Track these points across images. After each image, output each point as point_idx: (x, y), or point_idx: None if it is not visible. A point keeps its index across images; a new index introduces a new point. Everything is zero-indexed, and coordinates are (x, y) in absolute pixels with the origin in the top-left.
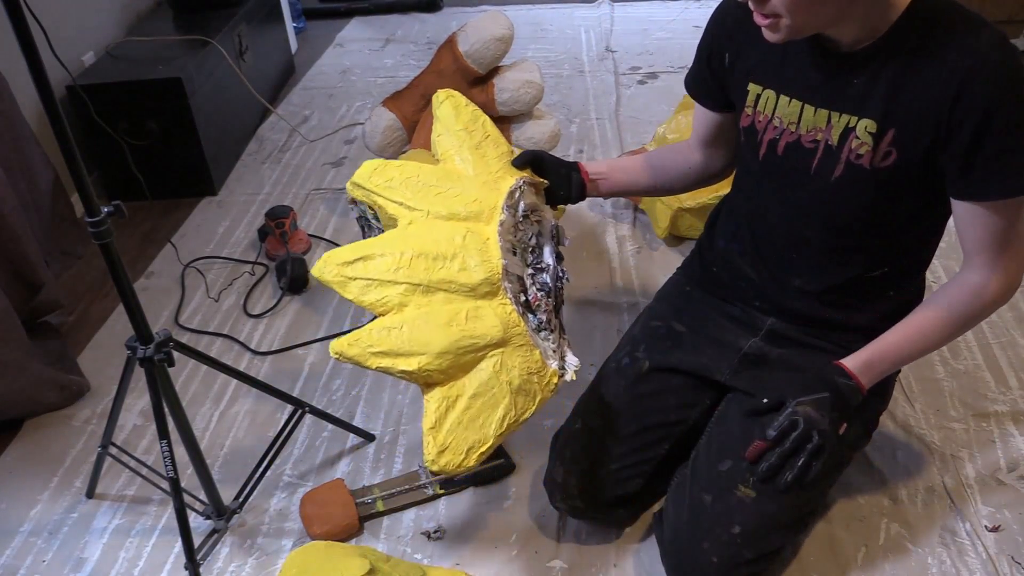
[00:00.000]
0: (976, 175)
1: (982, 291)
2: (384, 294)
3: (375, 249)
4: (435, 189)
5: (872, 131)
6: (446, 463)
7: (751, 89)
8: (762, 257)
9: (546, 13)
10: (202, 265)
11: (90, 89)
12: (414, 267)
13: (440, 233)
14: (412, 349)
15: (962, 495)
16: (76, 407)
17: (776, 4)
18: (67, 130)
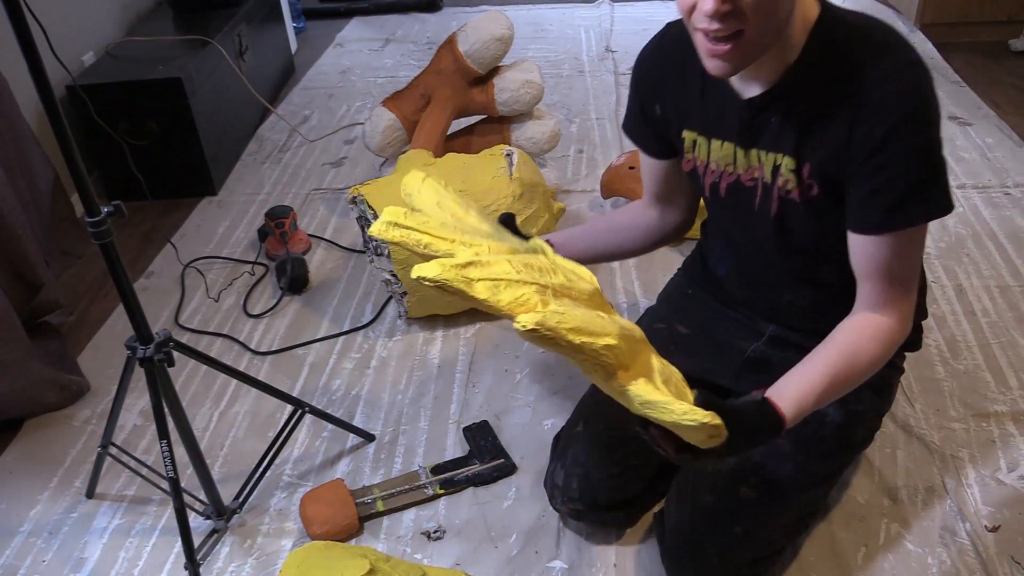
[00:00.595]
0: (866, 207)
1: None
2: (519, 292)
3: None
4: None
5: (792, 168)
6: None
7: (686, 136)
8: (746, 278)
9: (546, 13)
10: (202, 265)
11: (90, 89)
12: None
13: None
14: (595, 330)
15: (962, 495)
16: (76, 407)
17: (744, 8)
18: (67, 130)
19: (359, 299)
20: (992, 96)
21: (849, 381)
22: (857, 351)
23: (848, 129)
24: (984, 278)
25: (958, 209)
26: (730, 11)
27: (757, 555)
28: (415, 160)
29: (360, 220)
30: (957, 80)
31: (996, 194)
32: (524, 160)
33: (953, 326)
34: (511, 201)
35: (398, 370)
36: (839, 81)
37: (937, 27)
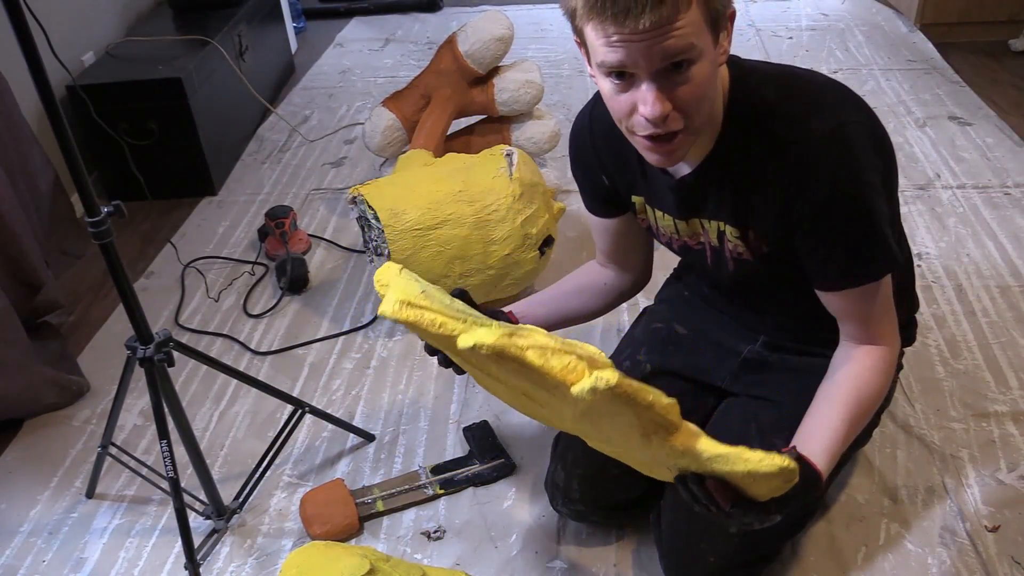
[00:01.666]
0: (821, 270)
1: (885, 368)
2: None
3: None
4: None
5: (736, 235)
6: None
7: (635, 200)
8: (728, 303)
9: (546, 13)
10: (202, 265)
11: (90, 89)
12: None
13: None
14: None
15: (962, 495)
16: (76, 407)
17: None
18: (67, 130)
19: (359, 299)
20: (992, 96)
21: (864, 417)
22: (863, 386)
23: (782, 194)
24: (984, 278)
25: (958, 209)
26: (669, 112)
27: (753, 556)
28: (415, 160)
29: (360, 220)
30: (957, 80)
31: (996, 194)
32: (524, 160)
33: (953, 326)
34: (511, 201)
35: (398, 370)
36: (763, 147)
37: (937, 27)
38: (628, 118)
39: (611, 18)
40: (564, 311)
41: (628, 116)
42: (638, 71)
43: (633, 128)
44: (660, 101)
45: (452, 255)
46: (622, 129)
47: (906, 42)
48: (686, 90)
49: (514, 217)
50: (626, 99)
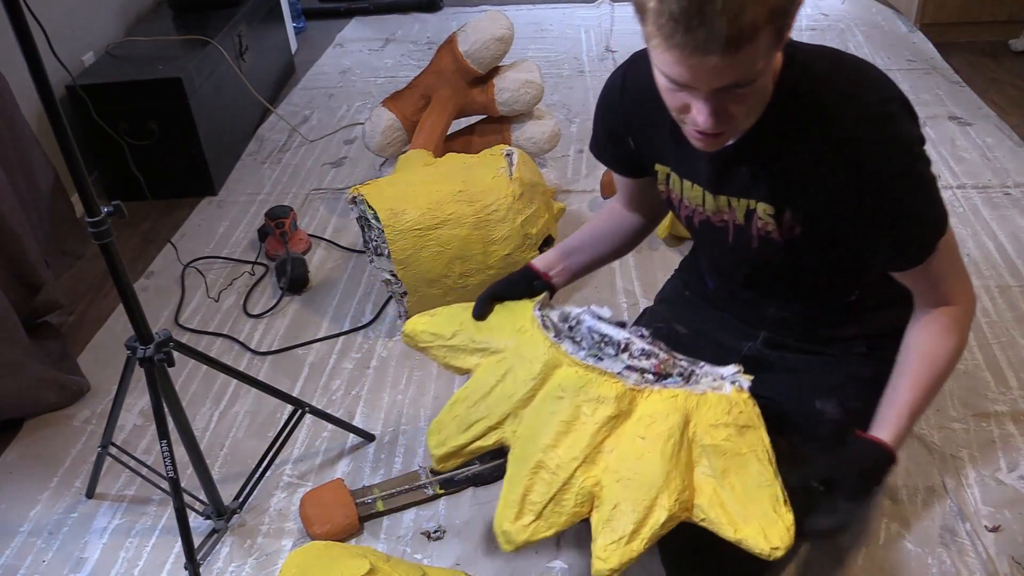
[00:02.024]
0: (886, 250)
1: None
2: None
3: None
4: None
5: (770, 213)
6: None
7: (659, 169)
8: (732, 295)
9: (546, 13)
10: (202, 265)
11: (90, 89)
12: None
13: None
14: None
15: (962, 495)
16: (76, 407)
17: (738, 114)
18: (67, 130)
19: (359, 299)
20: (992, 96)
21: (937, 383)
22: (934, 351)
23: (834, 170)
24: (984, 278)
25: (958, 209)
26: (721, 118)
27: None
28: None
29: (360, 220)
30: (957, 80)
31: (996, 194)
32: (524, 160)
33: None
34: (511, 201)
35: (398, 370)
36: (810, 128)
37: (937, 27)
38: (679, 112)
39: (679, 48)
40: (598, 256)
41: (679, 111)
42: (697, 87)
43: (683, 120)
44: (714, 116)
45: (452, 255)
46: (671, 112)
47: (906, 42)
48: (741, 103)
49: (514, 217)
50: (680, 97)
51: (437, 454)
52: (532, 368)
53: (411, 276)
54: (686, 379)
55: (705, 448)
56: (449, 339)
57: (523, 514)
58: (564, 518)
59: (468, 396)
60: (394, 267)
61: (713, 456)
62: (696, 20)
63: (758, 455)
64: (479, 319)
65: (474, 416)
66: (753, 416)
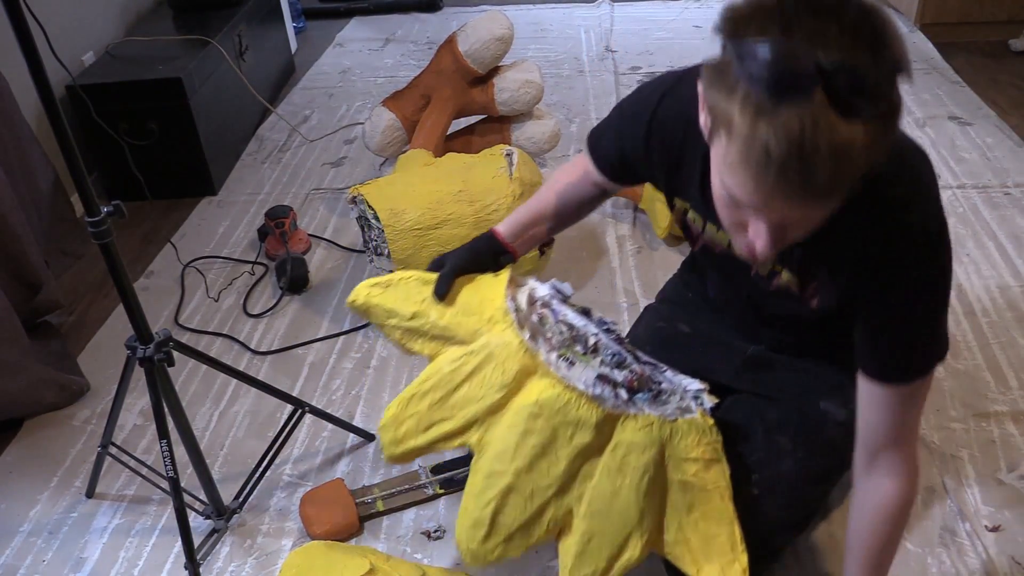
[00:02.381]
0: (883, 354)
1: (900, 494)
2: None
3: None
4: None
5: (795, 283)
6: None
7: (678, 204)
8: (734, 311)
9: (546, 13)
10: (202, 265)
11: (90, 89)
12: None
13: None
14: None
15: (962, 495)
16: (76, 407)
17: (796, 238)
18: (67, 130)
19: None
20: (992, 96)
21: (879, 565)
22: (870, 546)
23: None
24: (984, 278)
25: (958, 209)
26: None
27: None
28: (415, 160)
29: (360, 220)
30: (957, 80)
31: (996, 194)
32: (524, 160)
33: (953, 326)
34: (511, 201)
35: (398, 370)
36: (856, 226)
37: (937, 27)
38: (734, 228)
39: (763, 185)
40: (561, 225)
41: (735, 227)
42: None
43: (734, 234)
44: (773, 247)
45: None
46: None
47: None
48: (798, 231)
49: None
50: (739, 215)
51: (393, 452)
52: (505, 373)
53: None
54: (655, 396)
55: (674, 482)
56: (408, 320)
57: (492, 535)
58: (532, 541)
59: (430, 392)
60: (394, 267)
61: (681, 491)
62: (797, 168)
63: (720, 492)
64: (442, 298)
65: (436, 416)
66: (718, 448)
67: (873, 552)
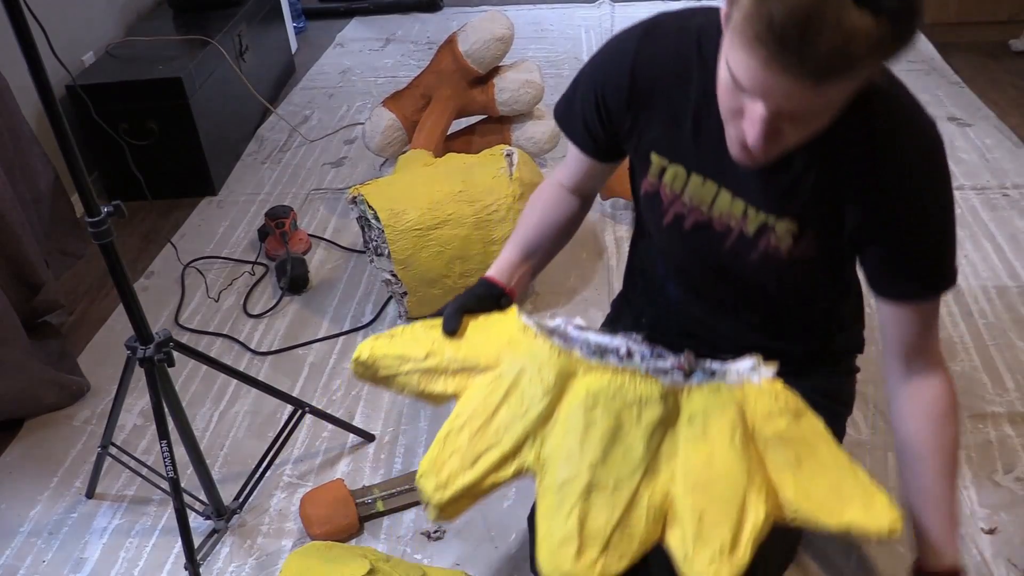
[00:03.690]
0: (903, 275)
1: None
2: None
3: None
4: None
5: (793, 231)
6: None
7: (655, 160)
8: (704, 303)
9: (546, 13)
10: (202, 265)
11: (90, 89)
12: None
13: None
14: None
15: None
16: (76, 407)
17: (792, 137)
18: (67, 130)
19: (359, 299)
20: (992, 96)
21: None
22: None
23: (872, 205)
24: (982, 279)
25: (956, 210)
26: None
27: None
28: (415, 160)
29: (360, 220)
30: (957, 80)
31: (994, 195)
32: (524, 160)
33: (950, 327)
34: (511, 201)
35: None
36: (862, 153)
37: (937, 27)
38: (731, 115)
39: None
40: (552, 254)
41: (731, 114)
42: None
43: (729, 123)
44: (766, 137)
45: (452, 255)
46: (721, 109)
47: None
48: (799, 129)
49: (514, 217)
50: (738, 100)
51: (442, 499)
52: (544, 380)
53: (411, 276)
54: (710, 376)
55: (769, 440)
56: (423, 361)
57: (586, 548)
58: (636, 544)
59: (466, 424)
60: (394, 267)
61: (780, 447)
62: (797, 40)
63: (824, 440)
64: (451, 334)
65: (481, 447)
66: (800, 402)
67: (947, 452)
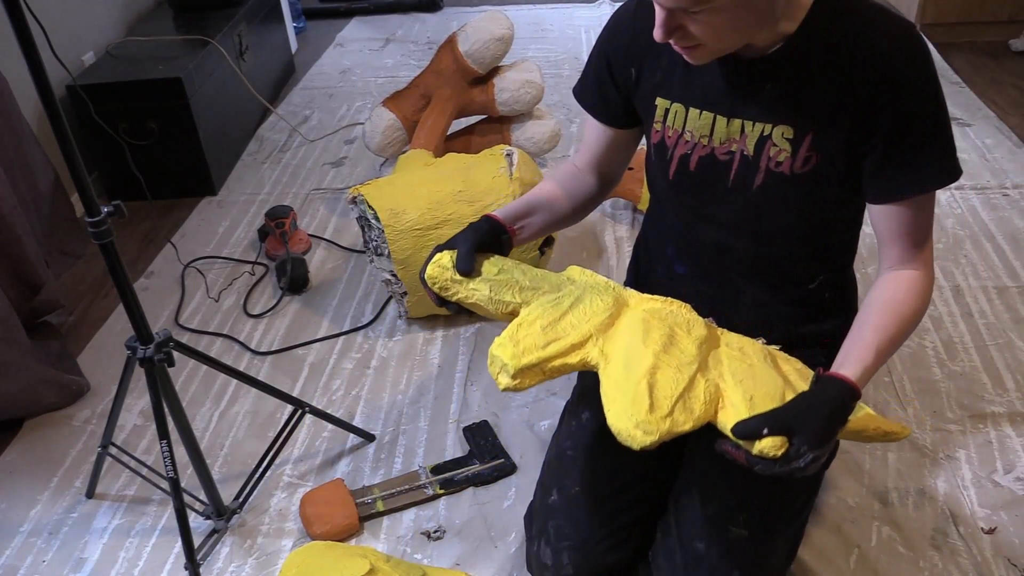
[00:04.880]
0: (891, 175)
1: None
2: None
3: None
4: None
5: (789, 137)
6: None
7: (659, 104)
8: (706, 269)
9: (546, 13)
10: (202, 265)
11: (90, 89)
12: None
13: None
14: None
15: (957, 497)
16: (76, 407)
17: (698, 34)
18: (67, 130)
19: (359, 299)
20: (992, 96)
21: (901, 336)
22: (899, 303)
23: (865, 95)
24: (981, 279)
25: (956, 210)
26: (680, 34)
27: None
28: (415, 160)
29: (360, 220)
30: (957, 80)
31: (994, 195)
32: (524, 160)
33: (950, 327)
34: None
35: (398, 370)
36: (848, 46)
37: (937, 27)
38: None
39: None
40: (556, 219)
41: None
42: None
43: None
44: (665, 32)
45: None
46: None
47: None
48: (698, 28)
49: None
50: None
51: (516, 364)
52: (604, 301)
53: (411, 276)
54: None
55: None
56: (496, 275)
57: (656, 408)
58: (696, 415)
59: (537, 320)
60: (394, 267)
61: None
62: None
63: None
64: (467, 274)
65: (552, 334)
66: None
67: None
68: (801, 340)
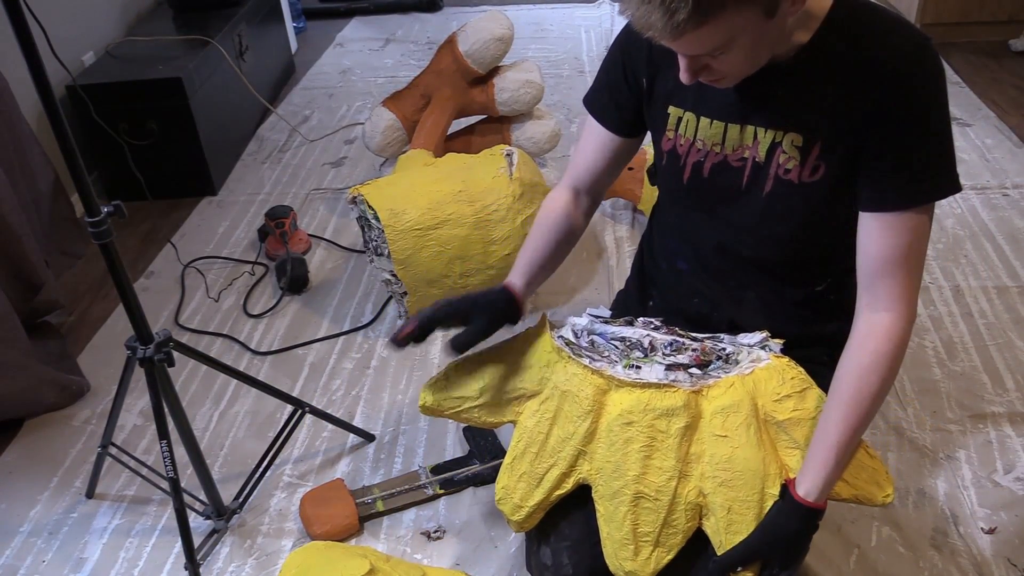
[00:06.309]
0: (888, 182)
1: (896, 331)
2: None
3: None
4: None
5: (799, 145)
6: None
7: (672, 112)
8: (711, 271)
9: (546, 13)
10: (202, 265)
11: (90, 89)
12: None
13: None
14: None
15: (957, 497)
16: (76, 407)
17: (721, 69)
18: (67, 130)
19: (359, 299)
20: (992, 96)
21: (866, 416)
22: (864, 379)
23: (870, 104)
24: (982, 279)
25: (956, 210)
26: (705, 73)
27: None
28: (415, 160)
29: (360, 220)
30: (957, 80)
31: (994, 195)
32: (524, 160)
33: (950, 327)
34: (511, 201)
35: (398, 370)
36: (858, 56)
37: (937, 27)
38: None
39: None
40: (554, 269)
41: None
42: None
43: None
44: (689, 71)
45: (452, 255)
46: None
47: None
48: (720, 65)
49: (514, 217)
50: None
51: (518, 519)
52: (583, 402)
53: (411, 276)
54: (725, 361)
55: (780, 424)
56: (478, 399)
57: (641, 548)
58: (679, 537)
59: (525, 450)
60: (394, 267)
61: (789, 429)
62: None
63: None
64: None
65: (542, 468)
66: (805, 376)
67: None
68: (805, 339)
